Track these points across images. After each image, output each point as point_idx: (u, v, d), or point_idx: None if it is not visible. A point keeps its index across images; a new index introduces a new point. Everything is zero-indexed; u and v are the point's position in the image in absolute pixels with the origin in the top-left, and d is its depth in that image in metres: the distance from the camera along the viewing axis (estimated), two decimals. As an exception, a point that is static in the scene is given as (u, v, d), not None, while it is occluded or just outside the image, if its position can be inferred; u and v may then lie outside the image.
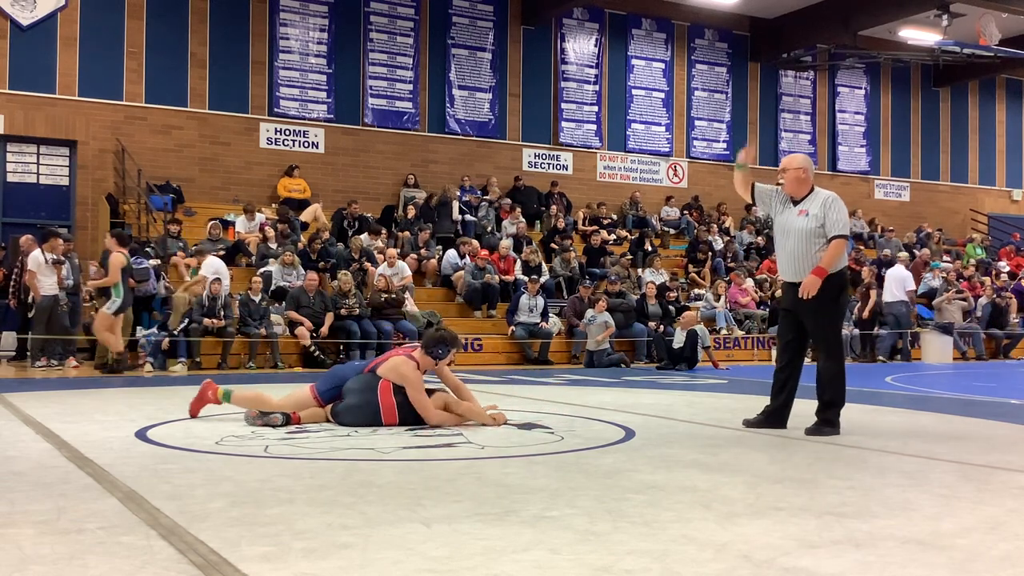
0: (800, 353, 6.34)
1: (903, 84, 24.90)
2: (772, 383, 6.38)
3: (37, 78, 16.02)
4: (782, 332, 6.37)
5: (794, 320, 6.19)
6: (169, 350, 12.54)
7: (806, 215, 6.03)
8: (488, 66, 19.79)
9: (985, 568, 2.84)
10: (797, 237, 6.05)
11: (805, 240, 6.01)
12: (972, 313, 18.82)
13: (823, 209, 5.98)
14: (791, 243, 6.10)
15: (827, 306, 6.00)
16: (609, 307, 15.43)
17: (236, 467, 4.54)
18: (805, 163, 6.22)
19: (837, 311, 6.19)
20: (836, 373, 6.09)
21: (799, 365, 6.33)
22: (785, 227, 6.16)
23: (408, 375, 6.04)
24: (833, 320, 6.15)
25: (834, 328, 6.20)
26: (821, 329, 6.10)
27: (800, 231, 6.03)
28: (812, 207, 6.03)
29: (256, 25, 17.78)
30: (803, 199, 6.10)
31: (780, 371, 6.33)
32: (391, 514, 3.48)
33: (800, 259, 6.04)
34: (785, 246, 6.17)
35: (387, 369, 6.10)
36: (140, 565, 2.78)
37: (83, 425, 6.16)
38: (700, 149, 22.16)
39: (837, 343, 6.21)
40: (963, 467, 4.75)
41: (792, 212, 6.12)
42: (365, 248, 15.68)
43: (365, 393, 6.06)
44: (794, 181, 6.13)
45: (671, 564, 2.83)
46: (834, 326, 6.19)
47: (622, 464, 4.70)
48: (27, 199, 16.16)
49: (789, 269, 6.16)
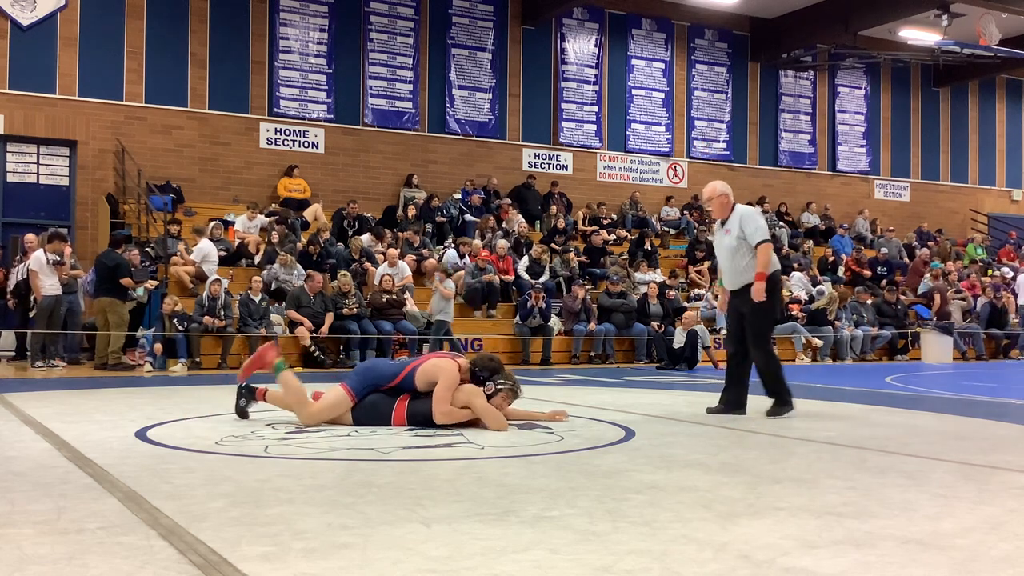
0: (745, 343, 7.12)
1: (903, 84, 24.90)
2: (727, 373, 7.27)
3: (37, 78, 16.02)
4: (730, 328, 7.32)
5: (740, 318, 7.07)
6: (169, 350, 12.55)
7: (729, 233, 7.01)
8: (488, 66, 19.79)
9: (985, 568, 2.84)
10: (725, 253, 7.06)
11: (731, 253, 7.00)
12: (972, 313, 18.84)
13: (740, 224, 6.93)
14: (723, 258, 7.16)
15: (761, 304, 6.85)
16: (609, 307, 15.46)
17: (236, 467, 4.53)
18: (725, 189, 7.16)
19: (770, 308, 6.98)
20: (767, 363, 6.99)
21: (748, 353, 7.11)
22: (718, 245, 7.25)
23: (447, 370, 5.93)
24: (766, 315, 6.99)
25: (765, 323, 7.05)
26: (751, 326, 6.98)
27: (728, 247, 7.02)
28: (732, 225, 7.00)
29: (256, 25, 17.78)
30: (727, 220, 7.08)
31: (730, 359, 7.26)
32: (391, 514, 3.48)
33: (732, 270, 7.05)
34: (720, 261, 7.27)
35: (429, 366, 5.97)
36: (140, 565, 2.78)
37: (83, 425, 6.16)
38: (700, 149, 22.16)
39: (764, 336, 7.06)
40: (963, 467, 4.75)
41: (721, 232, 7.16)
42: (365, 248, 15.69)
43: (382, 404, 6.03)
44: (719, 207, 7.11)
45: (671, 564, 2.83)
46: (766, 321, 7.04)
47: (622, 464, 4.70)
48: (27, 199, 16.15)
49: (727, 279, 7.19)
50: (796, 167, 23.32)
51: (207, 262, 14.20)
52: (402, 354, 13.53)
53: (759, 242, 6.84)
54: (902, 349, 17.58)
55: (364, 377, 6.14)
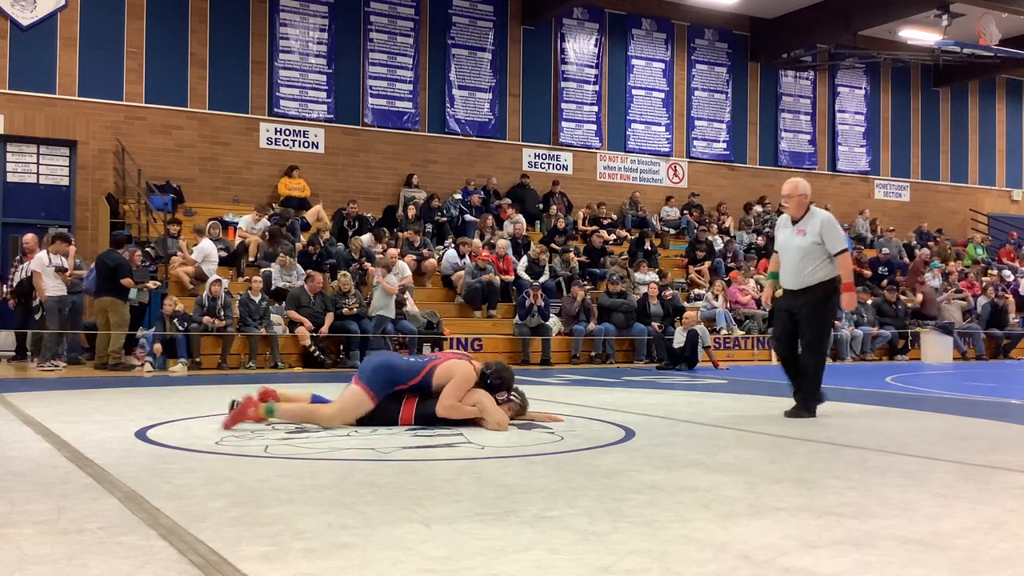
0: (796, 343, 7.18)
1: (903, 84, 24.90)
2: (785, 372, 7.27)
3: (37, 78, 16.02)
4: (778, 326, 7.29)
5: (789, 316, 7.10)
6: (169, 350, 12.55)
7: (804, 234, 6.97)
8: (488, 66, 19.79)
9: (985, 568, 2.84)
10: (795, 253, 7.01)
11: (803, 255, 6.97)
12: (972, 312, 18.83)
13: (820, 229, 6.92)
14: (790, 258, 7.07)
15: (818, 309, 6.96)
16: (609, 307, 15.45)
17: (236, 467, 4.53)
18: (806, 189, 7.17)
19: (825, 313, 7.06)
20: (816, 366, 7.03)
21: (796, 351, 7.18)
22: (786, 243, 7.14)
23: (462, 371, 5.91)
24: (824, 321, 7.07)
25: (826, 328, 7.14)
26: (809, 328, 7.01)
27: (799, 247, 6.98)
28: (809, 227, 6.97)
29: (256, 25, 17.78)
30: (801, 219, 7.06)
31: (786, 360, 7.25)
32: (391, 514, 3.48)
33: (798, 271, 6.99)
34: (785, 260, 7.15)
35: (446, 367, 5.92)
36: (140, 565, 2.78)
37: (83, 425, 6.16)
38: (700, 149, 22.16)
39: (822, 341, 7.16)
40: (963, 467, 4.74)
41: (791, 231, 7.09)
42: (365, 248, 15.69)
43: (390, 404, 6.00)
44: (796, 206, 7.11)
45: (671, 564, 2.83)
46: (827, 326, 7.14)
47: (622, 464, 4.70)
48: (27, 199, 16.15)
49: (789, 278, 7.10)
50: (796, 167, 23.30)
51: (208, 262, 14.21)
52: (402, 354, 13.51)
53: (839, 251, 6.93)
54: (902, 349, 17.58)
55: (382, 376, 5.95)
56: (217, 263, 14.40)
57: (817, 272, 6.93)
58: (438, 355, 6.27)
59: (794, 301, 7.04)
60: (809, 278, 6.94)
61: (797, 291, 7.02)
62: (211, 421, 6.33)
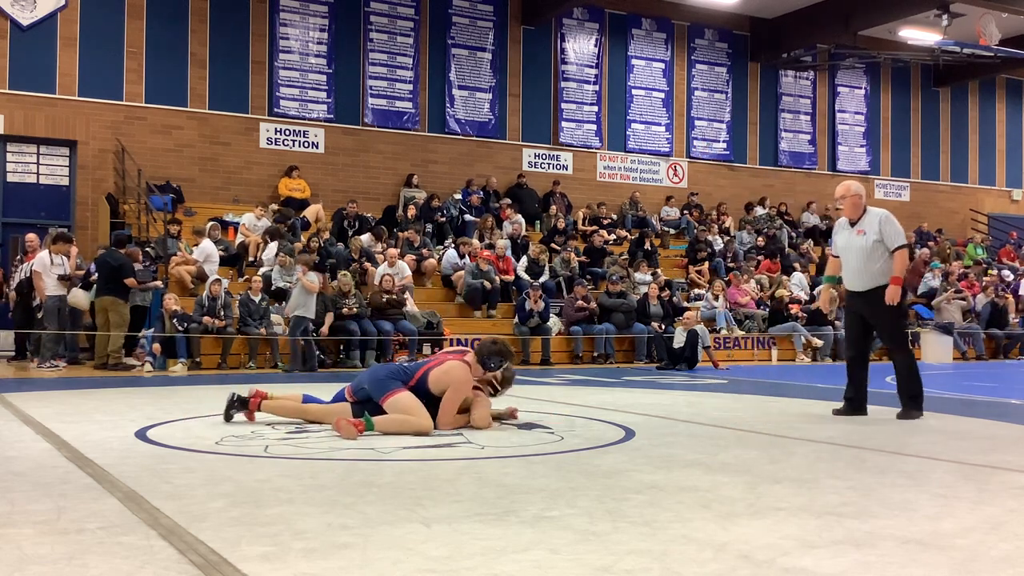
0: (867, 346, 7.30)
1: (903, 84, 24.90)
2: (848, 373, 7.24)
3: (37, 78, 16.02)
4: (850, 330, 7.36)
5: (860, 319, 7.14)
6: (169, 350, 12.55)
7: (863, 234, 6.98)
8: (488, 66, 19.79)
9: (985, 568, 2.84)
10: (857, 253, 7.00)
11: (865, 255, 6.95)
12: (972, 312, 18.83)
13: (879, 227, 6.92)
14: (853, 259, 7.05)
15: (893, 308, 6.92)
16: (609, 307, 15.45)
17: (236, 467, 4.53)
18: (860, 189, 7.21)
19: (900, 311, 7.12)
20: (909, 364, 6.99)
21: (868, 355, 7.30)
22: (846, 246, 7.13)
23: (459, 377, 5.91)
24: (899, 319, 7.14)
25: (901, 324, 7.23)
26: (888, 328, 7.07)
27: (860, 248, 6.98)
28: (868, 227, 6.98)
29: (256, 25, 17.78)
30: (859, 220, 7.07)
31: (853, 362, 7.22)
32: (391, 514, 3.48)
33: (864, 271, 6.98)
34: (848, 262, 7.13)
35: (440, 372, 5.92)
36: (140, 565, 2.78)
37: (83, 425, 6.16)
38: (700, 149, 22.16)
39: (904, 338, 7.20)
40: (963, 467, 4.74)
41: (850, 232, 7.09)
42: (365, 248, 15.68)
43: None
44: (851, 207, 7.11)
45: (671, 564, 2.83)
46: (902, 322, 7.24)
47: (622, 464, 4.70)
48: (27, 199, 16.15)
49: (855, 280, 7.10)
50: (796, 167, 23.32)
51: (209, 262, 14.22)
52: (402, 354, 13.52)
53: (898, 247, 6.91)
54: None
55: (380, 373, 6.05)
56: (218, 263, 14.41)
57: (883, 272, 6.90)
58: (432, 357, 6.32)
59: (863, 304, 7.03)
60: (877, 278, 6.91)
61: (865, 292, 6.98)
62: (211, 421, 6.33)
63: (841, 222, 7.29)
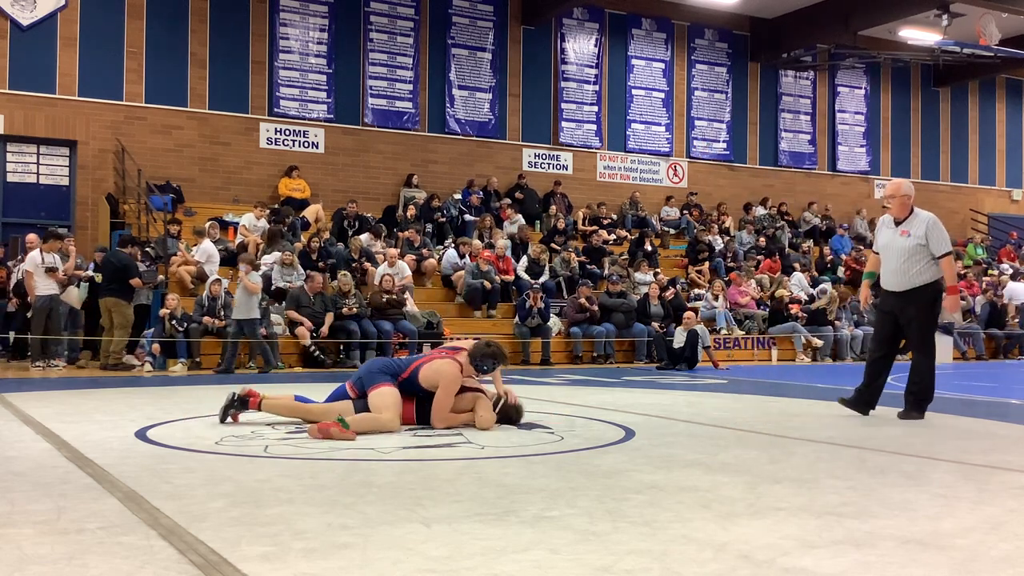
0: (895, 347, 7.27)
1: (903, 84, 24.90)
2: (867, 369, 7.26)
3: (37, 78, 16.01)
4: (880, 329, 7.32)
5: (892, 319, 7.10)
6: (169, 350, 12.55)
7: (908, 235, 6.92)
8: (488, 66, 19.79)
9: (985, 568, 2.84)
10: (898, 253, 6.96)
11: (907, 256, 6.91)
12: (972, 312, 18.83)
13: (926, 231, 6.87)
14: (893, 258, 7.01)
15: (926, 311, 6.95)
16: (609, 307, 15.45)
17: (236, 467, 4.53)
18: (909, 190, 7.14)
19: (933, 315, 7.06)
20: (929, 367, 7.01)
21: (893, 356, 7.29)
22: (888, 244, 7.07)
23: (448, 374, 5.96)
24: (930, 323, 7.06)
25: (932, 329, 7.15)
26: (920, 330, 7.02)
27: (902, 248, 6.93)
28: (913, 228, 6.92)
29: (256, 25, 17.77)
30: (904, 220, 7.01)
31: (876, 361, 7.23)
32: (391, 514, 3.48)
33: (903, 272, 6.94)
34: (888, 261, 7.08)
35: (430, 371, 5.97)
36: (140, 565, 2.78)
37: (83, 425, 6.16)
38: (700, 149, 22.16)
39: (932, 343, 7.15)
40: (963, 467, 4.75)
41: (895, 232, 7.02)
42: (365, 248, 15.68)
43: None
44: (899, 206, 7.05)
45: (671, 564, 2.83)
46: (933, 327, 7.14)
47: (622, 464, 4.70)
48: (27, 199, 16.15)
49: (893, 280, 7.04)
50: (796, 167, 23.32)
51: (210, 262, 14.19)
52: (402, 354, 13.52)
53: (944, 254, 6.88)
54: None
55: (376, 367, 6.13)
56: (219, 263, 14.41)
57: (923, 274, 6.88)
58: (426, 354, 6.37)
59: (897, 303, 7.00)
60: (915, 279, 6.89)
61: (901, 293, 6.96)
62: (211, 421, 6.33)
63: (885, 219, 7.23)
